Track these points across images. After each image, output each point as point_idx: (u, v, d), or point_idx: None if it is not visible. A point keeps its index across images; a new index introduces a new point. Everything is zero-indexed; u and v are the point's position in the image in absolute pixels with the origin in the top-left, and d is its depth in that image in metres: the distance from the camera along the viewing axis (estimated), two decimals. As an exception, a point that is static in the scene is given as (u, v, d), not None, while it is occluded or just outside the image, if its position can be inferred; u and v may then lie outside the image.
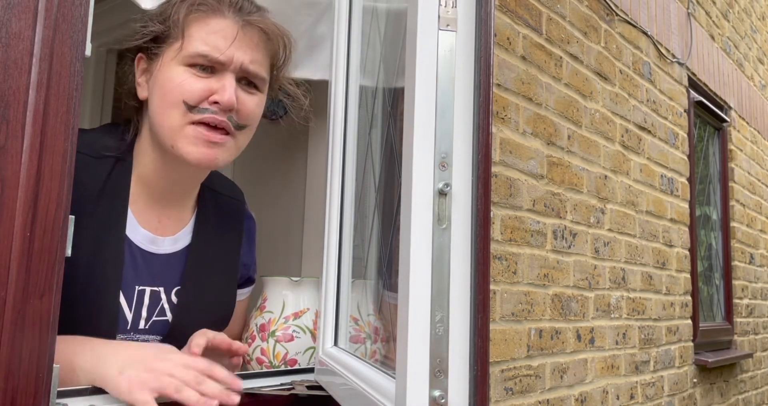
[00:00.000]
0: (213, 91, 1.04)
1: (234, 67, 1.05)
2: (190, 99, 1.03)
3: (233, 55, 1.04)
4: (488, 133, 0.72)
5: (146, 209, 1.13)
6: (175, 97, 1.03)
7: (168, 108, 1.04)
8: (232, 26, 1.06)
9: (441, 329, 0.67)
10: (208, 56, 1.03)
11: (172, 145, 1.05)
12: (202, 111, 1.03)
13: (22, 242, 0.61)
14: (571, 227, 2.26)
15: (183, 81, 1.03)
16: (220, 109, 1.04)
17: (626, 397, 2.53)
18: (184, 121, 1.03)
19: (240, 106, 1.06)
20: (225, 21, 1.06)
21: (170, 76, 1.04)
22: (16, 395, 0.60)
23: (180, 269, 1.15)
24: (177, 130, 1.04)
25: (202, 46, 1.03)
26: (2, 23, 0.61)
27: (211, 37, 1.04)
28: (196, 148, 1.04)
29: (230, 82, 1.04)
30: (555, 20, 2.24)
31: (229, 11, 1.06)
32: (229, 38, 1.04)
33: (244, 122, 1.08)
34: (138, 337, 1.10)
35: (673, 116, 3.14)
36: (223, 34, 1.05)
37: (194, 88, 1.03)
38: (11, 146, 0.61)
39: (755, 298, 4.26)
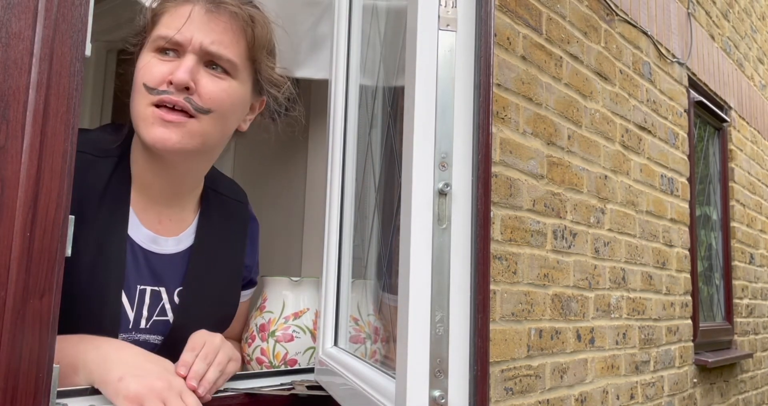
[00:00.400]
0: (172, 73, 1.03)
1: (193, 47, 1.04)
2: (150, 81, 1.03)
3: (192, 36, 1.04)
4: (488, 133, 0.72)
5: (147, 209, 1.13)
6: (138, 82, 1.04)
7: (135, 94, 1.05)
8: (196, 9, 1.06)
9: (441, 329, 0.67)
10: (166, 36, 1.04)
11: (138, 130, 1.05)
12: (160, 93, 1.03)
13: (22, 242, 0.61)
14: (571, 227, 2.26)
15: (145, 65, 1.04)
16: (174, 88, 1.03)
17: (626, 397, 2.53)
18: (145, 104, 1.03)
19: (201, 88, 1.04)
20: (190, 5, 1.06)
21: (139, 65, 1.06)
22: (16, 395, 0.60)
23: (182, 270, 1.15)
24: (140, 114, 1.04)
25: (164, 29, 1.05)
26: (2, 23, 0.61)
27: (173, 21, 1.05)
28: (153, 129, 1.02)
29: (187, 62, 1.03)
30: (555, 20, 2.24)
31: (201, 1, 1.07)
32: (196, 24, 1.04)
33: (207, 106, 1.05)
34: (139, 336, 1.10)
35: (673, 116, 3.14)
36: (184, 16, 1.05)
37: (154, 71, 1.03)
38: (11, 146, 0.61)
39: (755, 298, 4.26)
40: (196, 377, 0.95)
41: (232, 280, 1.23)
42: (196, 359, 0.98)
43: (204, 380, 0.96)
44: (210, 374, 0.98)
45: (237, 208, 1.27)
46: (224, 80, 1.08)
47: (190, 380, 0.95)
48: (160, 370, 0.91)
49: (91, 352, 0.92)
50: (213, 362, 0.99)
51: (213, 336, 1.05)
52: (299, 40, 1.49)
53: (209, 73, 1.06)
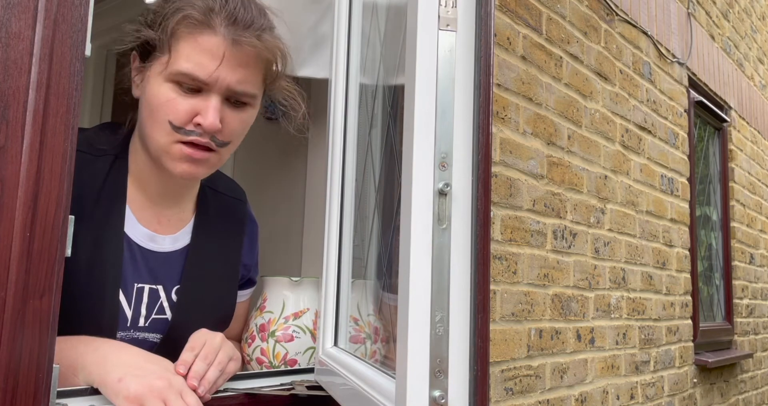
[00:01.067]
0: (197, 112, 1.02)
1: (219, 87, 1.02)
2: (175, 120, 1.02)
3: (219, 76, 1.01)
4: (488, 133, 0.72)
5: (144, 208, 1.13)
6: (161, 117, 1.02)
7: (155, 124, 1.03)
8: (220, 44, 1.01)
9: (441, 329, 0.67)
10: (193, 76, 1.00)
11: (159, 158, 1.06)
12: (188, 133, 1.02)
13: (22, 242, 0.61)
14: (571, 227, 2.26)
15: (168, 100, 1.01)
16: (203, 131, 1.03)
17: (626, 397, 2.53)
18: (170, 140, 1.03)
19: (225, 125, 1.04)
20: (214, 38, 1.01)
21: (156, 92, 1.02)
22: (16, 395, 0.60)
23: (180, 268, 1.15)
24: (163, 147, 1.04)
25: (188, 64, 1.00)
26: (2, 23, 0.61)
27: (197, 56, 1.01)
28: (180, 164, 1.04)
29: (214, 104, 1.02)
30: (555, 20, 2.24)
31: (221, 25, 1.02)
32: (216, 58, 1.01)
33: (228, 139, 1.07)
34: (138, 334, 1.10)
35: (673, 116, 3.14)
36: (211, 53, 1.01)
37: (179, 109, 1.01)
38: (11, 146, 0.61)
39: (755, 298, 4.26)
40: (196, 376, 0.95)
41: (230, 279, 1.23)
42: (197, 358, 0.98)
43: (204, 380, 0.96)
44: (210, 374, 0.98)
45: (236, 206, 1.27)
46: (245, 112, 1.08)
47: (190, 379, 0.95)
48: (160, 370, 0.91)
49: (91, 353, 0.92)
50: (213, 362, 0.99)
51: (213, 335, 1.04)
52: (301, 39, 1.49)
53: (231, 108, 1.06)
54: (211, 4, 1.03)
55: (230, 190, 1.27)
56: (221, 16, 1.02)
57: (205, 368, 0.98)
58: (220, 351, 1.02)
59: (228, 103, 1.05)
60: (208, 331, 1.06)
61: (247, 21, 1.04)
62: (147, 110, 1.04)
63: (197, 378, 0.95)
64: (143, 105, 1.06)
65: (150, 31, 1.03)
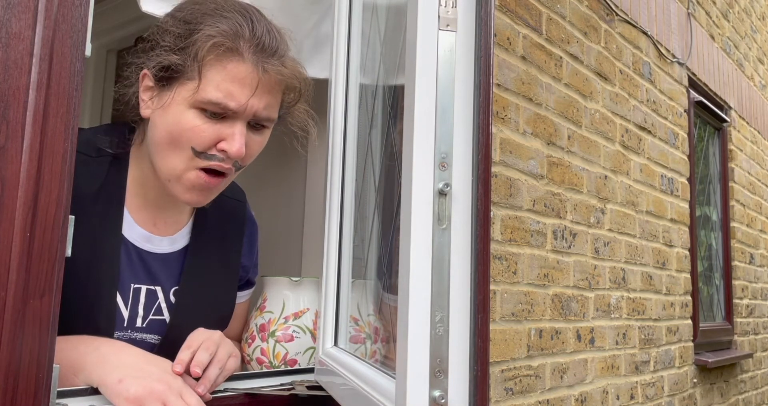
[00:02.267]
0: (222, 138, 1.01)
1: (247, 115, 1.02)
2: (199, 146, 1.01)
3: (247, 104, 1.00)
4: (488, 133, 0.72)
5: (141, 210, 1.13)
6: (184, 143, 1.00)
7: (174, 150, 1.01)
8: (251, 73, 1.00)
9: (441, 329, 0.67)
10: (223, 105, 0.99)
11: (168, 182, 1.05)
12: (210, 158, 1.01)
13: (22, 242, 0.61)
14: (571, 227, 2.26)
15: (194, 127, 1.00)
16: (227, 157, 1.02)
17: (626, 397, 2.53)
18: (188, 166, 1.02)
19: (247, 149, 1.04)
20: (243, 65, 1.00)
21: (180, 119, 1.00)
22: (16, 395, 0.60)
23: (178, 270, 1.15)
24: (178, 173, 1.03)
25: (218, 93, 0.99)
26: (2, 23, 0.61)
27: (227, 85, 0.99)
28: (191, 193, 1.04)
29: (240, 130, 1.01)
30: (555, 20, 2.24)
31: (248, 52, 1.00)
32: (246, 87, 1.00)
33: (246, 162, 1.07)
34: (136, 335, 1.10)
35: (673, 116, 3.14)
36: (241, 82, 1.00)
37: (204, 135, 1.00)
38: (11, 146, 0.61)
39: (755, 298, 4.26)
40: (199, 364, 0.96)
41: (229, 280, 1.23)
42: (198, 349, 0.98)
43: (204, 378, 0.96)
44: (210, 372, 0.98)
45: (235, 207, 1.27)
46: (263, 135, 1.08)
47: (194, 367, 0.95)
48: (160, 372, 0.92)
49: (91, 353, 0.92)
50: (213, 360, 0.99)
51: (212, 333, 1.05)
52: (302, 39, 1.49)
53: (252, 132, 1.05)
54: (240, 31, 1.01)
55: (230, 191, 1.27)
56: (250, 43, 1.01)
57: (208, 358, 0.98)
58: (220, 347, 1.02)
59: (249, 127, 1.05)
60: (205, 330, 1.06)
61: (272, 48, 1.03)
62: (165, 135, 1.02)
63: (200, 366, 0.96)
64: (159, 128, 1.02)
65: (174, 56, 1.00)
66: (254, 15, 1.05)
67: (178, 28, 1.02)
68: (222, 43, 0.99)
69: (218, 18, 1.01)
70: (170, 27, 1.03)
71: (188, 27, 1.01)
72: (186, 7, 1.05)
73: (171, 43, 1.01)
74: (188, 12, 1.04)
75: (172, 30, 1.02)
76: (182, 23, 1.02)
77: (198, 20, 1.01)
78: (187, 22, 1.02)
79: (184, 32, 1.01)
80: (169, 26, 1.03)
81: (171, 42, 1.02)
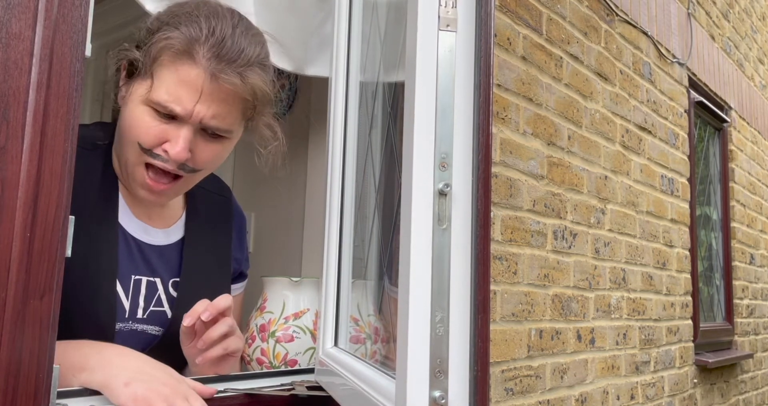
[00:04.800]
0: (167, 139, 1.02)
1: (194, 121, 1.02)
2: (145, 142, 1.02)
3: (193, 110, 1.00)
4: (488, 133, 0.72)
5: (135, 204, 1.15)
6: (132, 137, 1.03)
7: (126, 143, 1.04)
8: (199, 78, 0.99)
9: (441, 329, 0.67)
10: (169, 108, 1.00)
11: (125, 177, 1.08)
12: (154, 156, 1.03)
13: (22, 242, 0.61)
14: (572, 227, 2.26)
15: (141, 123, 1.01)
16: (169, 158, 1.03)
17: (626, 397, 2.53)
18: (138, 160, 1.04)
19: (196, 155, 1.04)
20: (195, 70, 0.99)
21: (132, 114, 1.02)
22: (16, 395, 0.60)
23: (175, 262, 1.17)
24: (131, 167, 1.05)
25: (166, 96, 0.99)
26: (2, 23, 0.61)
27: (175, 88, 0.99)
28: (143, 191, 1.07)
29: (185, 134, 1.01)
30: (555, 20, 2.24)
31: (203, 58, 0.99)
32: (194, 92, 0.99)
33: (200, 167, 1.07)
34: (137, 326, 1.11)
35: (673, 116, 3.14)
36: (188, 86, 0.99)
37: (150, 133, 1.01)
38: (11, 147, 0.61)
39: (756, 298, 4.26)
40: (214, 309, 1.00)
41: (224, 272, 1.25)
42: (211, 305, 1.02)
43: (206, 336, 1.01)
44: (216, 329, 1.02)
45: (221, 202, 1.29)
46: (219, 144, 1.07)
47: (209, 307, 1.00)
48: (165, 376, 0.92)
49: (94, 356, 0.92)
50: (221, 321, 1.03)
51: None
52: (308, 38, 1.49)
53: (206, 139, 1.05)
54: (196, 34, 1.00)
55: (215, 187, 1.29)
56: (204, 47, 1.00)
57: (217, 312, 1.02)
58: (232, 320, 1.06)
59: (203, 133, 1.04)
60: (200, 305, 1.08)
61: (232, 55, 1.01)
62: (122, 129, 1.05)
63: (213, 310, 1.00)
64: (121, 120, 1.06)
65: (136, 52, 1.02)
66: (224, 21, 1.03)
67: (152, 25, 1.04)
68: (173, 45, 0.99)
69: (186, 21, 1.01)
70: (148, 24, 1.05)
71: (158, 26, 1.03)
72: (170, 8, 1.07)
73: (139, 40, 1.04)
74: (167, 13, 1.05)
75: (147, 27, 1.05)
76: (156, 22, 1.04)
77: (169, 21, 1.02)
78: (161, 21, 1.03)
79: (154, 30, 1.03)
80: (148, 24, 1.06)
81: (140, 38, 1.04)
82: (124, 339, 1.06)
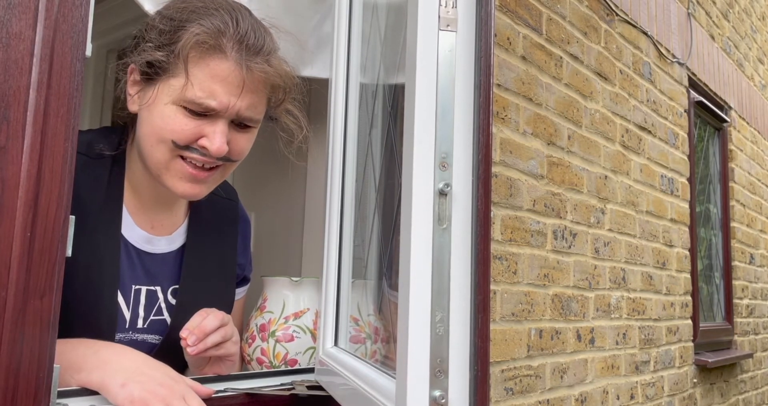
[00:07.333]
0: (204, 135, 1.01)
1: (229, 114, 1.02)
2: (180, 140, 1.01)
3: (229, 103, 1.00)
4: (488, 133, 0.72)
5: (138, 212, 1.14)
6: (165, 136, 1.01)
7: (156, 143, 1.02)
8: (234, 72, 1.00)
9: (441, 329, 0.67)
10: (205, 104, 0.99)
11: (159, 176, 1.05)
12: (192, 150, 1.02)
13: (23, 242, 0.61)
14: (571, 227, 2.26)
15: (176, 123, 1.00)
16: (208, 153, 1.02)
17: (626, 397, 2.53)
18: (171, 155, 1.02)
19: (232, 146, 1.04)
20: (226, 63, 0.99)
21: (163, 115, 1.00)
22: (16, 395, 0.60)
23: (176, 269, 1.16)
24: (164, 164, 1.03)
25: (200, 92, 0.99)
26: (2, 23, 0.61)
27: (209, 83, 0.99)
28: (182, 183, 1.04)
29: (222, 128, 1.01)
30: (555, 20, 2.24)
31: (232, 50, 1.00)
32: (230, 86, 1.00)
33: (236, 157, 1.07)
34: (137, 336, 1.11)
35: (673, 116, 3.14)
36: (223, 81, 0.99)
37: (185, 130, 1.00)
38: (12, 147, 0.61)
39: (755, 298, 4.26)
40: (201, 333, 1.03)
41: (227, 278, 1.24)
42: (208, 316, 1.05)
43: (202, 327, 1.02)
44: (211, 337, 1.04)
45: (228, 206, 1.28)
46: (249, 133, 1.08)
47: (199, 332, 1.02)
48: (162, 376, 0.92)
49: (91, 356, 0.92)
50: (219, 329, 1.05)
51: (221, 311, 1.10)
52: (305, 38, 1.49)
53: (237, 130, 1.05)
54: (222, 27, 1.00)
55: (222, 191, 1.28)
56: (233, 40, 1.00)
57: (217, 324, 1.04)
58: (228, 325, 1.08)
59: (233, 125, 1.05)
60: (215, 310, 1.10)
61: (257, 45, 1.03)
62: (149, 130, 1.02)
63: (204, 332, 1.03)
64: (145, 123, 1.03)
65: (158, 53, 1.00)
66: (240, 13, 1.04)
67: (164, 24, 1.02)
68: (205, 40, 0.99)
69: (203, 15, 1.01)
70: (157, 23, 1.03)
71: (173, 24, 1.01)
72: (173, 4, 1.06)
73: (156, 40, 1.02)
74: (175, 9, 1.04)
75: (158, 26, 1.03)
76: (168, 20, 1.02)
77: (183, 17, 1.01)
78: (173, 19, 1.02)
79: (169, 29, 1.01)
80: (156, 23, 1.04)
81: (156, 38, 1.02)
82: None
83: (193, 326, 1.03)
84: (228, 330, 1.07)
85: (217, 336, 1.04)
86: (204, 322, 1.04)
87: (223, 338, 1.05)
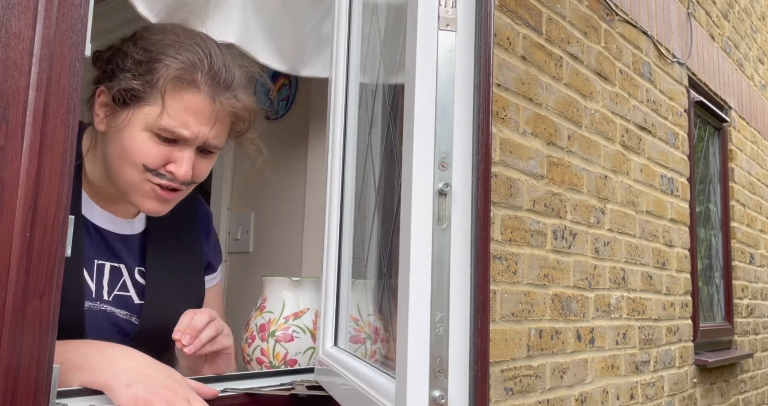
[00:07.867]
0: (172, 160, 1.09)
1: (198, 141, 1.09)
2: (150, 164, 1.08)
3: (199, 132, 1.08)
4: (488, 133, 0.72)
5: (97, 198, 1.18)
6: (137, 159, 1.07)
7: (126, 164, 1.09)
8: (206, 105, 1.08)
9: (441, 329, 0.67)
10: (177, 133, 1.07)
11: (126, 193, 1.12)
12: (160, 176, 1.09)
13: (22, 242, 0.61)
14: (571, 227, 2.26)
15: (146, 148, 1.07)
16: (174, 178, 1.09)
17: (626, 397, 2.53)
18: (141, 179, 1.09)
19: (195, 170, 1.12)
20: (199, 96, 1.07)
21: (134, 140, 1.07)
22: (16, 395, 0.60)
23: (139, 251, 1.22)
24: (133, 185, 1.10)
25: (173, 122, 1.06)
26: (2, 23, 0.61)
27: (182, 114, 1.07)
28: (149, 202, 1.12)
29: (189, 155, 1.09)
30: (555, 20, 2.24)
31: (205, 84, 1.08)
32: (200, 118, 1.07)
33: (196, 180, 1.15)
34: (105, 307, 1.14)
35: (673, 116, 3.14)
36: (196, 113, 1.07)
37: (156, 155, 1.07)
38: (11, 146, 0.61)
39: (755, 298, 4.26)
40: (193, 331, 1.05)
41: (193, 264, 1.30)
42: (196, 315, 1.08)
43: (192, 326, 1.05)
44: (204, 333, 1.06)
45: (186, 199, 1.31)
46: (211, 158, 1.16)
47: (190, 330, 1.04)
48: (166, 378, 0.93)
49: (95, 355, 0.92)
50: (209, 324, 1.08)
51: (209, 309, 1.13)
52: (304, 39, 1.49)
53: (200, 156, 1.13)
54: (198, 64, 1.08)
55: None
56: (205, 74, 1.08)
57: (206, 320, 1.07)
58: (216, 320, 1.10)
59: (197, 151, 1.12)
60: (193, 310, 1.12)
61: (228, 81, 1.11)
62: (119, 151, 1.09)
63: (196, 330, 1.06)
64: (114, 145, 1.09)
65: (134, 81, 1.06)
66: (212, 48, 1.12)
67: (139, 54, 1.08)
68: (182, 76, 1.06)
69: (179, 50, 1.09)
70: (131, 52, 1.09)
71: (150, 55, 1.08)
72: (148, 35, 1.12)
73: (132, 68, 1.08)
74: (150, 41, 1.10)
75: (134, 56, 1.09)
76: (144, 51, 1.09)
77: (160, 50, 1.08)
78: (149, 50, 1.08)
79: (146, 60, 1.08)
80: (130, 51, 1.09)
81: (132, 67, 1.08)
82: (96, 319, 1.11)
83: (184, 327, 1.06)
84: (218, 324, 1.10)
85: (209, 331, 1.07)
86: (193, 320, 1.07)
87: (215, 331, 1.08)
